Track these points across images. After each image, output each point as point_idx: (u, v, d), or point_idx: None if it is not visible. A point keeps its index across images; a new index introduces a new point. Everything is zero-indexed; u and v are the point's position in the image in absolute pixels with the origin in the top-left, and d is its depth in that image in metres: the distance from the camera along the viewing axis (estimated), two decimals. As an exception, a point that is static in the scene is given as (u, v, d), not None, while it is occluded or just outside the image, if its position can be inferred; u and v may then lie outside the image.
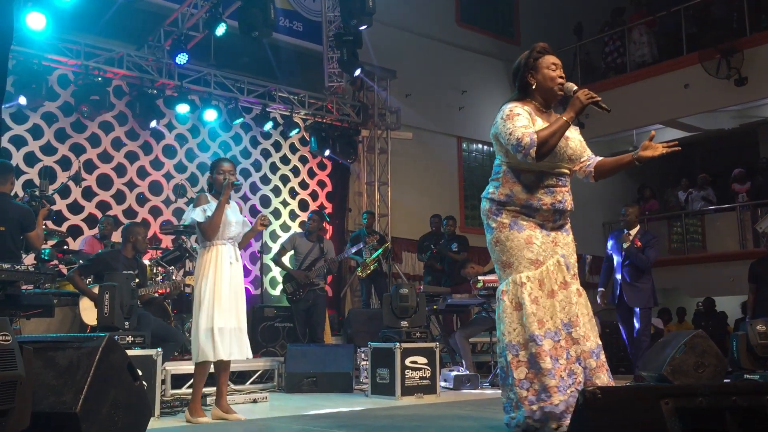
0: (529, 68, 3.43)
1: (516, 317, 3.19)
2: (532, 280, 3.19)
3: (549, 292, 3.19)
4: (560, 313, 3.19)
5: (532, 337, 3.12)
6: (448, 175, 12.72)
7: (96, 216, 8.67)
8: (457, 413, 5.01)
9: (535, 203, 3.24)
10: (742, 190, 12.61)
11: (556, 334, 3.15)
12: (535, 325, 3.13)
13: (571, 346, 3.18)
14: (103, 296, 4.76)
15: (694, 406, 1.88)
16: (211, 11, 8.50)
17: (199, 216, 4.59)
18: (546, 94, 3.38)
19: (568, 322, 3.19)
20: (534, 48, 3.46)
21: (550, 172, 3.28)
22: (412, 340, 6.23)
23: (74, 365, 2.88)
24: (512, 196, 3.28)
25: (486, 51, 13.65)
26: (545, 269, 3.21)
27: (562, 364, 3.12)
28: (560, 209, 3.28)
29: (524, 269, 3.21)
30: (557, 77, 3.36)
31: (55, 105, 8.67)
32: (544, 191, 3.25)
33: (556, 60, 3.41)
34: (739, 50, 11.28)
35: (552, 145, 3.18)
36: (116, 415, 2.98)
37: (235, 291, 4.63)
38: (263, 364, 6.96)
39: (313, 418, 4.81)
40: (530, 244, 3.23)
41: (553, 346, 3.13)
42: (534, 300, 3.16)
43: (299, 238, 7.87)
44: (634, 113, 12.64)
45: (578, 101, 3.20)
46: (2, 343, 2.47)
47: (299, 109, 10.50)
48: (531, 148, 3.14)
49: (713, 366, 6.25)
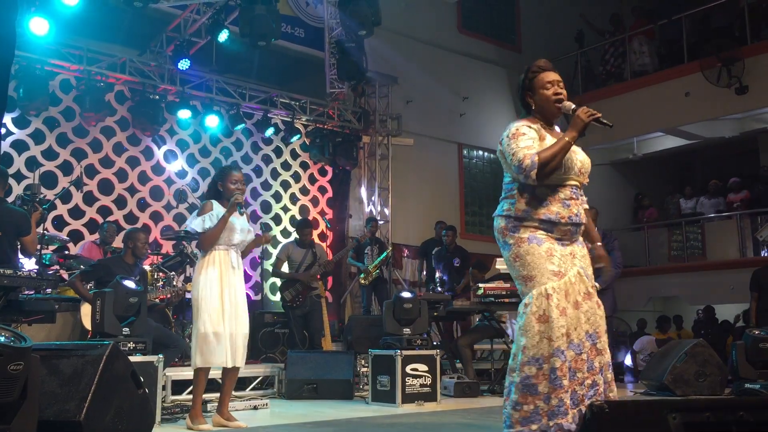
0: (525, 89, 3.41)
1: (540, 330, 3.13)
2: (557, 291, 3.16)
3: (574, 303, 3.18)
4: (585, 324, 3.17)
5: (558, 351, 3.08)
6: (449, 181, 12.73)
7: (97, 221, 8.67)
8: (458, 421, 5.01)
9: (553, 217, 3.22)
10: (737, 199, 12.62)
11: (578, 346, 3.13)
12: (563, 338, 3.09)
13: (595, 357, 3.16)
14: (95, 303, 4.76)
15: (701, 421, 1.88)
16: (213, 17, 8.52)
17: (198, 226, 4.57)
18: (545, 113, 3.36)
19: (593, 332, 3.18)
20: (530, 68, 3.41)
21: (564, 185, 3.27)
22: (413, 348, 6.22)
23: (78, 373, 2.89)
24: (529, 212, 3.25)
25: (487, 58, 13.67)
26: (568, 280, 3.19)
27: (579, 378, 3.11)
28: (576, 222, 3.27)
29: (548, 281, 3.17)
30: (552, 96, 3.31)
31: (57, 110, 8.68)
32: (561, 204, 3.24)
33: (553, 76, 3.35)
34: (740, 59, 11.30)
35: (554, 167, 3.15)
36: (119, 423, 2.99)
37: (235, 297, 4.60)
38: (263, 370, 6.95)
39: (314, 425, 4.80)
40: (551, 256, 3.20)
41: (574, 359, 3.12)
42: (562, 311, 3.13)
43: (292, 246, 7.87)
44: (635, 121, 12.65)
45: (579, 120, 3.17)
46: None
47: (300, 115, 10.52)
48: (532, 170, 3.13)
49: (714, 375, 6.26)
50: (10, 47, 2.01)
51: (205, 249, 4.60)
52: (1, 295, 4.65)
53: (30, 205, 6.05)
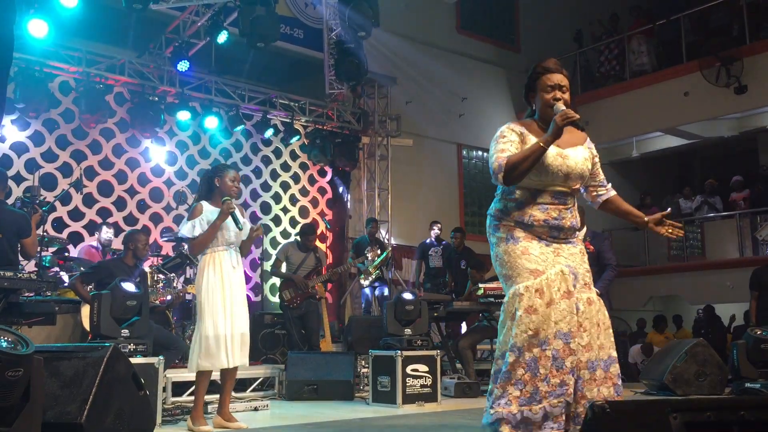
0: (528, 89, 3.41)
1: (509, 326, 3.23)
2: (530, 290, 3.19)
3: (548, 302, 3.19)
4: (560, 323, 3.17)
5: (513, 347, 3.16)
6: (449, 182, 12.73)
7: (96, 222, 8.66)
8: (459, 422, 5.01)
9: (526, 219, 3.26)
10: (739, 198, 12.62)
11: (544, 342, 3.14)
12: (524, 336, 3.14)
13: (567, 356, 3.15)
14: (92, 305, 4.76)
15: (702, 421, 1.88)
16: (212, 19, 8.52)
17: (188, 231, 4.54)
18: (543, 116, 3.34)
19: (568, 332, 3.17)
20: (535, 67, 3.38)
21: (543, 190, 3.28)
22: (414, 348, 6.22)
23: (80, 375, 2.89)
24: (506, 212, 3.32)
25: (486, 58, 13.68)
26: (545, 278, 3.21)
27: (541, 374, 3.12)
28: (556, 226, 3.27)
29: (524, 280, 3.22)
30: (550, 99, 3.28)
31: (56, 112, 8.68)
32: (537, 207, 3.27)
33: (557, 79, 3.29)
34: (739, 58, 11.30)
35: (522, 170, 3.17)
36: (120, 425, 2.99)
37: (234, 297, 4.59)
38: (264, 371, 6.95)
39: (314, 426, 4.80)
40: (527, 254, 3.25)
41: (539, 355, 3.14)
42: (530, 310, 3.16)
43: (291, 248, 7.86)
44: (634, 121, 12.66)
45: (555, 124, 3.15)
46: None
47: (300, 116, 10.52)
48: (499, 173, 3.19)
49: (714, 375, 6.26)
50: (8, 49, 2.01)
51: (195, 254, 4.61)
52: (2, 298, 4.65)
53: (30, 207, 6.05)
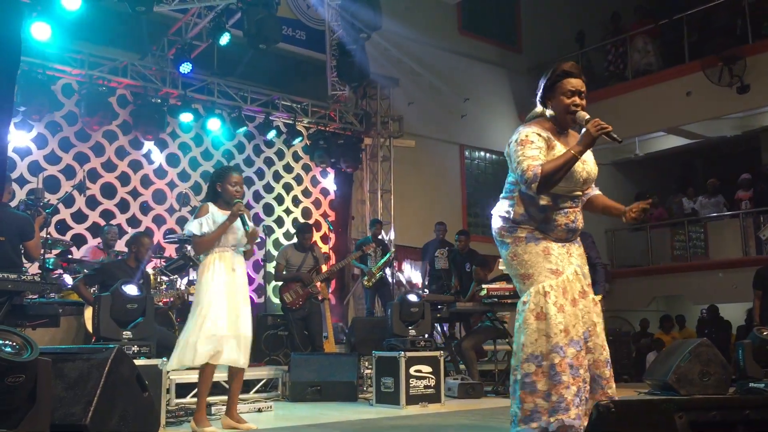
0: (546, 91, 3.33)
1: (538, 327, 3.15)
2: (555, 288, 3.17)
3: (572, 300, 3.19)
4: (581, 322, 3.20)
5: (557, 347, 3.09)
6: (451, 182, 12.73)
7: (100, 224, 8.67)
8: (462, 422, 5.01)
9: (550, 224, 3.24)
10: (745, 197, 12.59)
11: (578, 343, 3.15)
12: (561, 335, 3.10)
13: (586, 355, 3.19)
14: (94, 307, 4.76)
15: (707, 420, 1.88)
16: (214, 21, 8.53)
17: (195, 229, 4.55)
18: (560, 121, 3.30)
19: (586, 331, 3.20)
20: (554, 69, 3.31)
21: (566, 195, 3.27)
22: (417, 349, 6.22)
23: (84, 377, 2.89)
24: (528, 217, 3.26)
25: (488, 59, 13.67)
26: (565, 278, 3.21)
27: (581, 375, 3.11)
28: (573, 228, 3.29)
29: (545, 279, 3.19)
30: (570, 105, 3.23)
31: (59, 114, 8.69)
32: (560, 212, 3.25)
33: (576, 84, 3.24)
34: (742, 58, 11.29)
35: (556, 181, 3.13)
36: (125, 427, 2.99)
37: (236, 299, 4.58)
38: (267, 372, 6.95)
39: (318, 427, 4.80)
40: (548, 254, 3.22)
41: (575, 356, 3.12)
42: (560, 308, 3.14)
43: (290, 250, 7.85)
44: (637, 121, 12.63)
45: (588, 134, 3.10)
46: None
47: (302, 117, 10.53)
48: (533, 183, 3.11)
49: (718, 374, 6.24)
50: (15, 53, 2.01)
51: (199, 253, 4.61)
52: (5, 300, 4.67)
53: (33, 209, 6.07)
